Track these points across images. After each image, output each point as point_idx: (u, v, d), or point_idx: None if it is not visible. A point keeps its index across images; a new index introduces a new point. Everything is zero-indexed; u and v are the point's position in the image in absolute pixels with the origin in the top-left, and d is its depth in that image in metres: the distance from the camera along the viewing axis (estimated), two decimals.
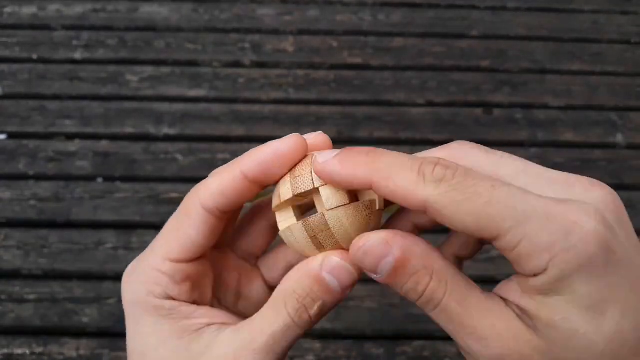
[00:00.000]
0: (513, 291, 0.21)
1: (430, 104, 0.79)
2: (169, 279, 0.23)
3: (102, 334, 0.60)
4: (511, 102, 0.79)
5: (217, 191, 0.23)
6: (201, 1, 0.88)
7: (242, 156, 0.23)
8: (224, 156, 0.73)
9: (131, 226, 0.67)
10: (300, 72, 0.81)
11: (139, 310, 0.23)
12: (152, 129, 0.75)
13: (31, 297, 0.62)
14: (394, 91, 0.80)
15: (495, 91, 0.80)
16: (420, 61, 0.83)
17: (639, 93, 0.81)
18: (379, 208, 0.23)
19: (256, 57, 0.82)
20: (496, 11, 0.89)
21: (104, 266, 0.64)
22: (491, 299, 0.21)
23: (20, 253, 0.65)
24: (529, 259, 0.20)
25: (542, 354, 0.20)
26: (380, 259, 0.21)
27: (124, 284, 0.24)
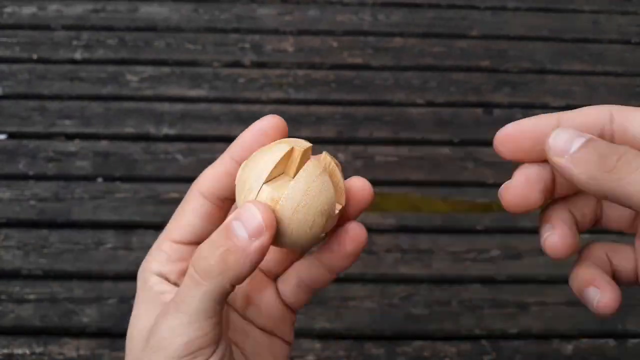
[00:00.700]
0: None
1: (430, 104, 0.79)
2: (165, 257, 0.25)
3: (102, 334, 0.60)
4: (511, 102, 0.79)
5: (210, 177, 0.25)
6: (201, 1, 0.88)
7: (231, 144, 0.25)
8: None
9: (131, 226, 0.67)
10: (300, 72, 0.81)
11: (139, 282, 0.25)
12: (152, 129, 0.75)
13: (31, 297, 0.62)
14: (393, 91, 0.80)
15: (495, 91, 0.80)
16: (420, 61, 0.83)
17: (639, 93, 0.81)
18: (337, 212, 0.23)
19: (256, 57, 0.82)
20: (496, 11, 0.89)
21: (104, 266, 0.64)
22: None
23: (20, 253, 0.65)
24: None
25: None
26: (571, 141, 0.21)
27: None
